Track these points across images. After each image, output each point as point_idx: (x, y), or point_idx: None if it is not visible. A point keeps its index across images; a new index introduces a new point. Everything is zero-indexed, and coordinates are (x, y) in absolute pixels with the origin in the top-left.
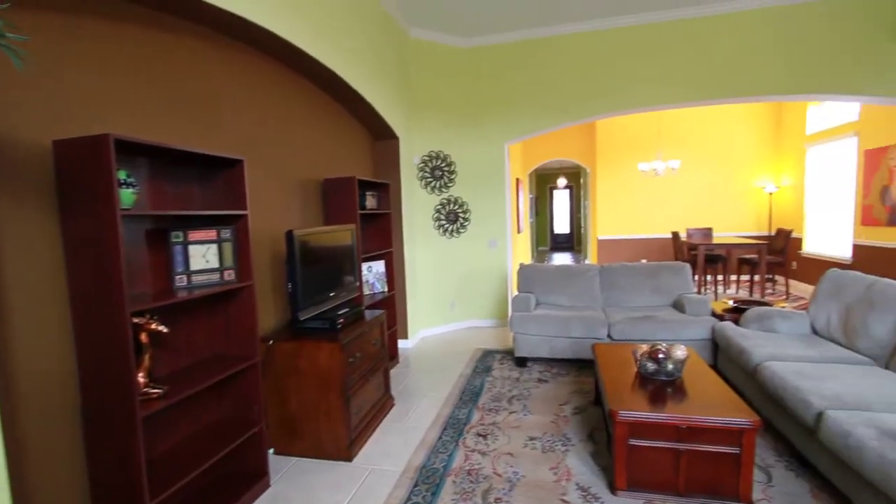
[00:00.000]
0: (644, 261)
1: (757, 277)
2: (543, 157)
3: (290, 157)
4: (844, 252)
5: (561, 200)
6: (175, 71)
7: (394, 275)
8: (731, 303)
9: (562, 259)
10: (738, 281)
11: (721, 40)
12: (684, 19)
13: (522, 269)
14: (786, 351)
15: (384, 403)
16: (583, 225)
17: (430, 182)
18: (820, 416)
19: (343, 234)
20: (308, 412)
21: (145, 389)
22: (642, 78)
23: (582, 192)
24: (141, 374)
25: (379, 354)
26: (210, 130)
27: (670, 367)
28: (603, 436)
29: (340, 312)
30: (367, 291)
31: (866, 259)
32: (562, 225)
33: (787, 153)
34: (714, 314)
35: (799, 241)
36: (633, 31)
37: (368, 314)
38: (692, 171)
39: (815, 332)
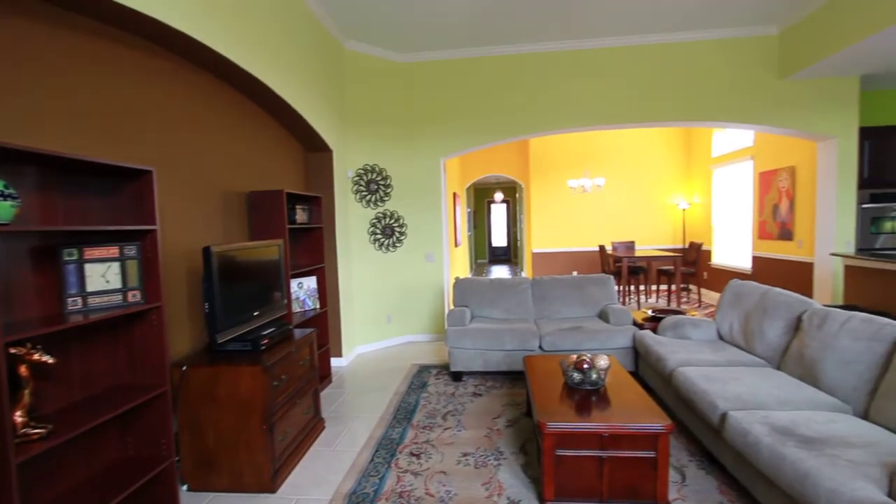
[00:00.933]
0: (575, 273)
1: (674, 287)
2: (480, 172)
3: (211, 168)
4: (746, 263)
5: (498, 214)
6: (79, 75)
7: (326, 291)
8: (649, 312)
9: (500, 272)
10: (657, 290)
11: (637, 69)
12: (605, 48)
13: (458, 284)
14: (696, 356)
15: (314, 427)
16: (519, 238)
17: (366, 196)
18: (724, 416)
19: (269, 250)
20: (227, 443)
21: (24, 430)
22: (568, 100)
23: (518, 207)
24: (18, 413)
25: (308, 375)
26: (119, 138)
27: (594, 376)
28: (534, 447)
29: (265, 332)
30: (297, 309)
31: (763, 269)
32: (500, 238)
33: (697, 173)
34: (635, 323)
35: (709, 253)
36: (562, 56)
37: (298, 333)
38: (616, 189)
39: (720, 337)
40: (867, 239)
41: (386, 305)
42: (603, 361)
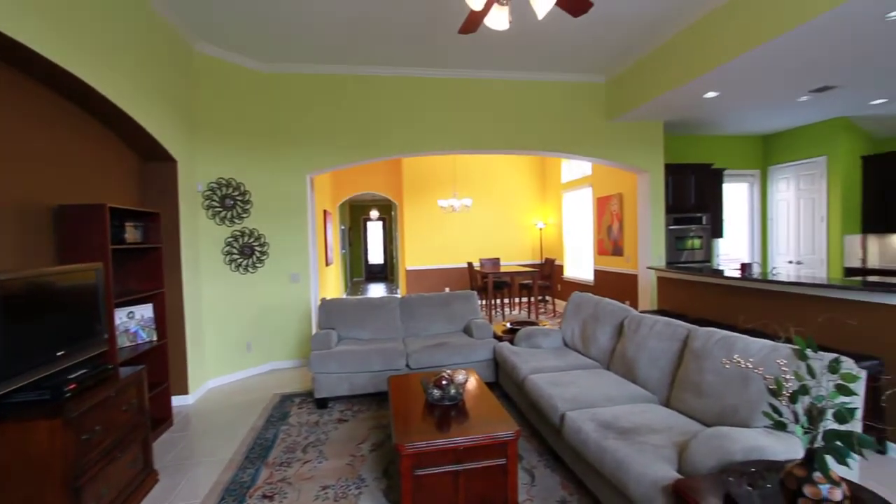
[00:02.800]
0: (447, 289)
1: (533, 299)
2: (353, 190)
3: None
4: (589, 276)
5: (375, 231)
6: None
7: (167, 319)
8: (508, 325)
9: (377, 290)
10: (520, 303)
11: (499, 101)
12: (472, 79)
13: (324, 305)
14: (545, 363)
15: (143, 482)
16: (395, 256)
17: (220, 212)
18: (563, 417)
19: (83, 275)
20: None
21: None
22: (437, 125)
23: (393, 224)
24: None
25: (135, 421)
26: None
27: (453, 391)
28: (397, 469)
29: (73, 376)
30: (126, 343)
31: (602, 281)
32: (376, 255)
33: (551, 197)
34: (496, 336)
35: (561, 268)
36: (431, 83)
37: (124, 372)
38: (483, 209)
39: (565, 344)
40: (674, 254)
41: (245, 332)
42: (461, 376)
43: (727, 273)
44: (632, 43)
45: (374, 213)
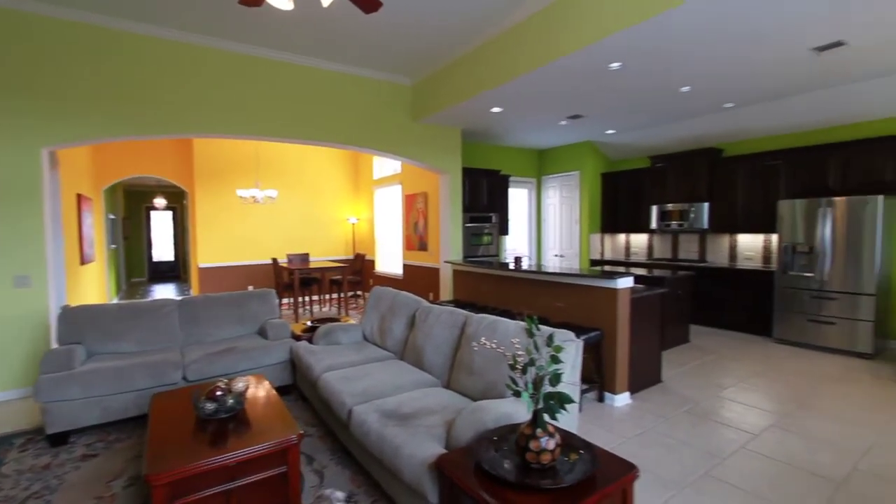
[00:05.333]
0: (251, 287)
1: (343, 295)
2: (127, 172)
3: None
4: (399, 270)
5: (162, 223)
6: None
7: None
8: (309, 323)
9: (164, 291)
10: (330, 299)
11: (302, 89)
12: (272, 60)
13: (65, 315)
14: (341, 360)
15: None
16: (189, 251)
17: None
18: (350, 412)
19: None
20: None
21: None
22: (226, 105)
23: (186, 215)
24: None
25: None
26: None
27: (231, 401)
28: None
29: None
30: None
31: (411, 274)
32: (164, 251)
33: (363, 192)
34: (294, 336)
35: (373, 263)
36: (224, 58)
37: None
38: (291, 201)
39: (365, 338)
40: (471, 249)
41: None
42: (241, 384)
43: (500, 265)
44: (433, 53)
45: (161, 202)
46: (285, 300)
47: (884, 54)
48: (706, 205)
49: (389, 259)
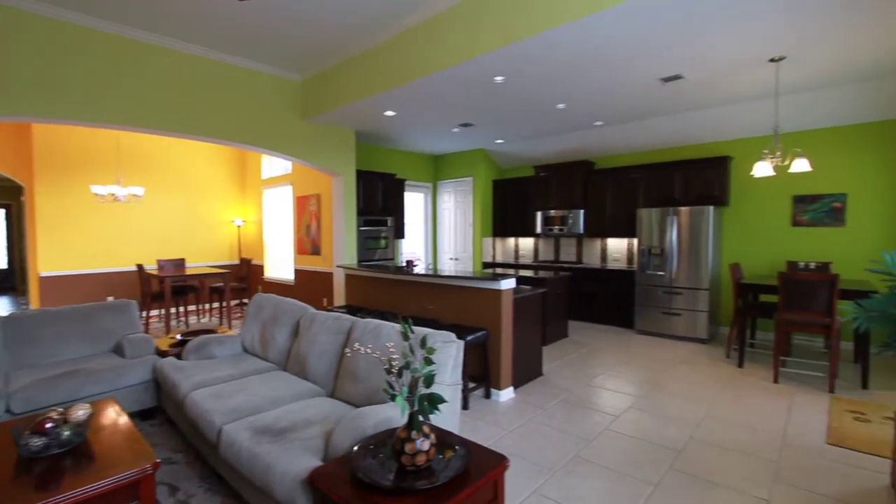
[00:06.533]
0: (110, 298)
1: (226, 304)
2: None
3: None
4: (290, 275)
5: None
6: None
7: None
8: (178, 336)
9: None
10: (211, 309)
11: (177, 76)
12: (141, 42)
13: None
14: (214, 375)
15: None
16: (27, 257)
17: None
18: (220, 432)
19: None
20: None
21: None
22: (79, 86)
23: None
24: None
25: None
26: None
27: (68, 433)
28: None
29: None
30: None
31: (303, 280)
32: None
33: (251, 192)
34: (159, 352)
35: (262, 268)
36: (76, 32)
37: None
38: (162, 201)
39: (245, 350)
40: (366, 253)
41: None
42: (81, 412)
43: (390, 269)
44: (324, 50)
45: None
46: (155, 312)
47: (713, 88)
48: (581, 212)
49: (280, 264)
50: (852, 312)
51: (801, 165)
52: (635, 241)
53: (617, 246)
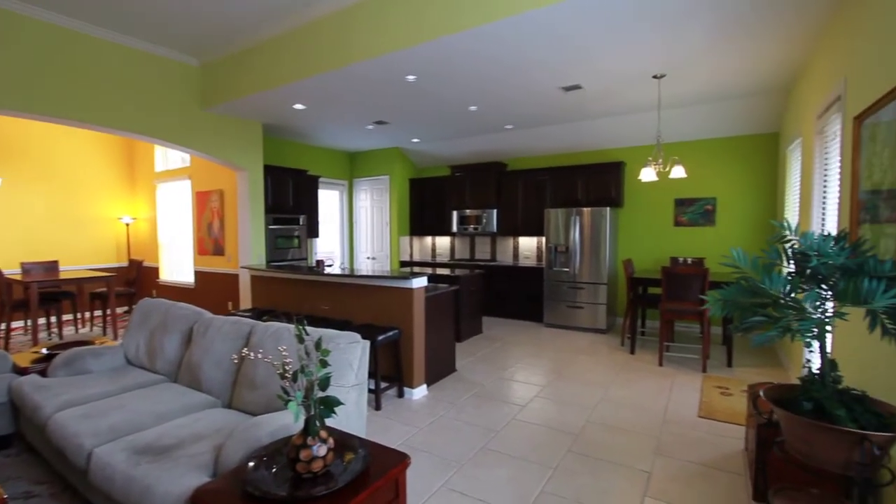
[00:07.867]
0: None
1: (109, 312)
2: None
3: None
4: (189, 278)
5: None
6: None
7: None
8: (44, 350)
9: None
10: (93, 318)
11: (51, 52)
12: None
13: None
14: (86, 392)
15: None
16: None
17: None
18: (90, 455)
19: None
20: None
21: None
22: None
23: None
24: None
25: None
26: None
27: None
28: None
29: None
30: None
31: (204, 282)
32: None
33: (142, 187)
34: (18, 369)
35: (157, 270)
36: None
37: None
38: (29, 195)
39: (129, 362)
40: (277, 253)
41: None
42: None
43: (297, 269)
44: (225, 34)
45: None
46: (19, 323)
47: (607, 99)
48: (495, 211)
49: (178, 266)
50: (708, 300)
51: (678, 172)
52: (544, 239)
53: (528, 244)
